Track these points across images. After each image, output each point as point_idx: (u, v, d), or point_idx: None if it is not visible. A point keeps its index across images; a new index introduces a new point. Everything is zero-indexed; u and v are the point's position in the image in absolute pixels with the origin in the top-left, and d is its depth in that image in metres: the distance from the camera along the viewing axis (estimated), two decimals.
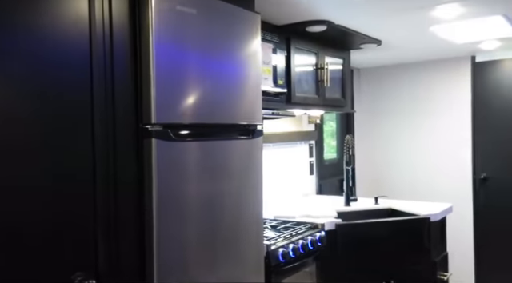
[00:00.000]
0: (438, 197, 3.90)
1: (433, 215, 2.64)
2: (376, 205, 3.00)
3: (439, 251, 2.79)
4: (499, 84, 3.84)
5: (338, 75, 3.08)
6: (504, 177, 3.83)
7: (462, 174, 3.98)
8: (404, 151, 4.29)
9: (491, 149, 3.89)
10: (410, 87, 4.25)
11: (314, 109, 2.88)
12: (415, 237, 2.58)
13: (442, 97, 4.08)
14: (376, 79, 4.44)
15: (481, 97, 3.93)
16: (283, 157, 3.26)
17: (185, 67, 1.54)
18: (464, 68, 3.96)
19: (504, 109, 3.82)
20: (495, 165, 3.87)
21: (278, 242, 2.09)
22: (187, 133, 1.55)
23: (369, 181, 4.39)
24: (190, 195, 1.55)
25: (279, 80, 2.49)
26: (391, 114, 4.36)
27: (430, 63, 4.12)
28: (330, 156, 4.15)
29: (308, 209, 2.82)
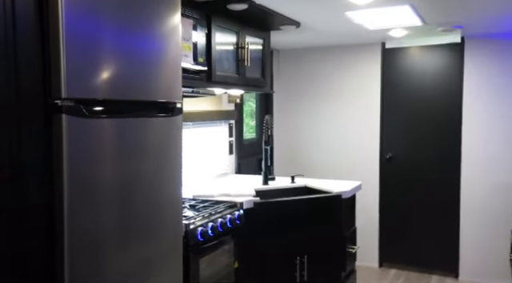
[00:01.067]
0: (349, 175, 4.14)
1: (344, 192, 2.80)
2: (292, 183, 3.10)
3: (349, 226, 2.97)
4: (406, 70, 4.13)
5: (258, 55, 3.09)
6: (407, 156, 4.16)
7: (371, 154, 4.25)
8: (319, 131, 4.48)
9: (397, 131, 4.19)
10: (326, 70, 4.41)
11: (235, 88, 2.88)
12: (328, 214, 2.72)
13: (355, 81, 4.30)
14: (294, 61, 4.54)
15: (389, 82, 4.20)
16: (203, 136, 3.24)
17: (99, 39, 1.45)
18: (375, 54, 4.19)
19: (409, 94, 4.13)
20: (400, 145, 4.19)
21: (196, 221, 2.08)
22: (101, 109, 1.46)
23: (286, 161, 4.53)
24: (105, 176, 1.48)
25: (199, 58, 2.45)
26: (307, 96, 4.51)
27: (345, 48, 4.30)
28: (249, 136, 4.20)
29: (227, 188, 2.85)
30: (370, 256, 4.24)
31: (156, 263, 1.70)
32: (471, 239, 3.91)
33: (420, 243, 4.14)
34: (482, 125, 3.83)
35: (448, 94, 3.97)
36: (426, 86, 4.06)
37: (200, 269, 2.06)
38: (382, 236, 4.27)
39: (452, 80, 3.95)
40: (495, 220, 3.80)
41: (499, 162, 3.77)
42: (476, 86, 3.84)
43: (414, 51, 4.08)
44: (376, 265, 4.28)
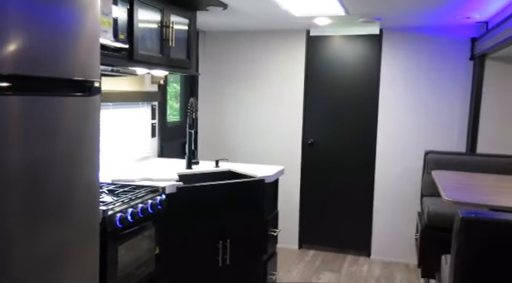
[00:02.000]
0: (273, 159, 4.21)
1: (267, 177, 2.84)
2: (217, 167, 3.08)
3: (271, 210, 3.03)
4: (328, 58, 4.25)
5: (183, 36, 3.00)
6: (327, 142, 4.32)
7: (294, 139, 4.36)
8: (244, 116, 4.49)
9: (318, 117, 4.33)
10: (252, 54, 4.41)
11: (158, 68, 2.77)
12: (251, 198, 2.75)
13: (281, 67, 4.35)
14: (221, 43, 4.48)
15: (313, 69, 4.30)
16: (123, 118, 3.09)
17: (3, 5, 1.29)
18: (300, 40, 4.26)
19: (331, 82, 4.27)
20: (321, 131, 4.33)
21: (115, 207, 1.99)
22: (7, 85, 1.32)
23: (211, 145, 4.50)
24: (11, 158, 1.34)
25: (120, 34, 2.31)
26: (233, 80, 4.48)
27: (272, 33, 4.32)
28: (173, 118, 4.10)
29: (149, 172, 2.75)
30: (290, 238, 4.38)
31: (70, 251, 1.59)
32: (383, 221, 4.18)
33: (337, 225, 4.35)
34: (395, 115, 4.07)
35: (367, 84, 4.16)
36: (347, 75, 4.21)
37: (118, 256, 1.98)
38: (301, 219, 4.42)
39: (371, 70, 4.14)
40: (404, 203, 4.09)
41: (410, 150, 4.04)
42: (392, 77, 4.06)
43: (337, 40, 4.22)
44: (296, 246, 4.43)
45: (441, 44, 3.88)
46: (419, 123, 4.01)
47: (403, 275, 3.86)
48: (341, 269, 3.97)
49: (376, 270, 3.96)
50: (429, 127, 3.99)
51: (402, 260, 4.13)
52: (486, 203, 2.51)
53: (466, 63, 3.84)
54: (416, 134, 4.02)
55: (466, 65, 3.84)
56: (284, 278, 3.71)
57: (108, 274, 1.91)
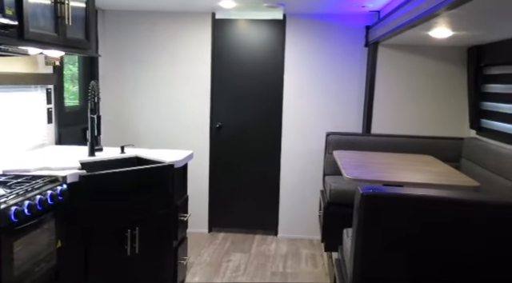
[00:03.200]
0: (181, 144, 4.15)
1: (176, 162, 2.79)
2: (122, 154, 2.96)
3: (181, 195, 2.99)
4: (235, 42, 4.26)
5: (81, 14, 2.79)
6: (235, 125, 4.36)
7: (202, 123, 4.33)
8: (150, 100, 4.34)
9: (226, 101, 4.34)
10: (157, 36, 4.26)
11: (53, 48, 2.55)
12: (160, 184, 2.68)
13: (187, 49, 4.26)
14: (122, 24, 4.26)
15: (219, 52, 4.29)
16: (14, 102, 2.81)
17: None
18: (205, 23, 4.21)
19: (238, 65, 4.29)
20: (229, 114, 4.36)
21: (9, 200, 1.81)
22: None
23: (115, 130, 4.29)
24: None
25: (8, 10, 2.08)
26: (138, 62, 4.30)
27: (177, 15, 4.21)
28: (71, 103, 3.83)
29: (46, 160, 2.55)
30: (200, 222, 4.38)
31: None
32: (289, 200, 4.36)
33: (246, 207, 4.44)
34: (299, 98, 4.23)
35: (272, 68, 4.26)
36: (253, 59, 4.27)
37: (14, 253, 1.81)
38: (211, 203, 4.44)
39: (276, 54, 4.24)
40: (309, 183, 4.30)
41: (313, 132, 4.24)
42: (295, 62, 4.20)
43: (242, 24, 4.24)
44: (206, 230, 4.44)
45: (339, 31, 4.10)
46: (321, 106, 4.22)
47: (308, 250, 4.08)
48: (250, 249, 4.07)
49: (283, 248, 4.13)
50: (330, 110, 4.21)
51: (307, 236, 4.36)
52: (381, 179, 2.74)
53: (361, 49, 4.10)
54: (318, 117, 4.23)
55: (361, 51, 4.10)
56: (195, 262, 3.72)
57: (3, 273, 1.75)
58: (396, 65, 4.03)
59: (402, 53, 4.00)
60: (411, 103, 4.05)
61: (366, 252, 1.86)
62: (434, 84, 4.00)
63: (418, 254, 1.82)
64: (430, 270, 1.82)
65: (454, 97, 3.98)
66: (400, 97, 4.06)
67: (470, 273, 1.80)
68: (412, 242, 1.82)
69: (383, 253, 1.85)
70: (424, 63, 3.99)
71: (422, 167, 3.20)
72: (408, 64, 4.01)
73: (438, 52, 3.94)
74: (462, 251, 1.80)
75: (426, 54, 3.97)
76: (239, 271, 3.60)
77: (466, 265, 1.80)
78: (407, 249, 1.83)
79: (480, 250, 1.78)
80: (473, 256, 1.79)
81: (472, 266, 1.80)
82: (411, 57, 4.00)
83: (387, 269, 1.86)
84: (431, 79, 4.00)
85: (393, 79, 4.05)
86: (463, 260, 1.80)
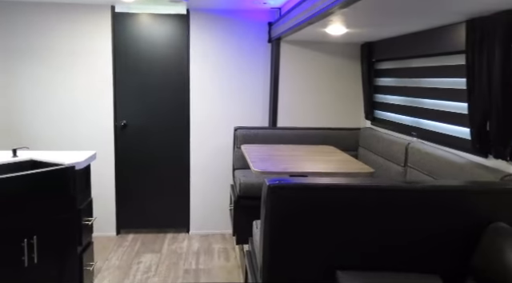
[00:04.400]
0: (83, 145, 3.93)
1: (78, 163, 2.63)
2: (15, 157, 2.72)
3: (84, 198, 2.84)
4: (137, 36, 4.12)
5: None
6: (141, 123, 4.23)
7: (105, 122, 4.13)
8: (45, 98, 4.04)
9: (130, 98, 4.19)
10: (50, 28, 3.97)
11: None
12: (60, 188, 2.52)
13: (86, 44, 4.03)
14: (8, 14, 3.90)
15: (121, 48, 4.12)
16: None
17: None
18: (105, 16, 4.02)
19: (141, 61, 4.16)
20: (134, 112, 4.21)
21: None
22: None
23: (5, 133, 3.93)
24: None
25: None
26: (29, 57, 3.98)
27: (72, 6, 3.95)
28: None
29: None
30: (107, 225, 4.20)
31: None
32: (199, 196, 4.35)
33: (156, 206, 4.34)
34: (207, 93, 4.23)
35: (178, 64, 4.19)
36: (157, 55, 4.17)
37: None
38: (119, 204, 4.27)
39: (181, 50, 4.18)
40: (219, 177, 4.33)
41: (222, 127, 4.27)
42: (201, 58, 4.18)
43: (145, 18, 4.11)
44: (114, 233, 4.27)
45: (243, 27, 4.16)
46: (228, 101, 4.25)
47: (220, 245, 4.11)
48: (161, 248, 4.00)
49: (195, 244, 4.12)
50: (237, 104, 4.26)
51: (220, 231, 4.38)
52: (287, 170, 2.85)
53: (265, 45, 4.20)
54: (226, 112, 4.26)
55: (265, 47, 4.21)
56: (103, 267, 3.56)
57: None
58: (298, 60, 4.20)
59: (303, 48, 4.17)
60: (313, 97, 4.25)
61: (274, 242, 1.92)
62: (333, 78, 4.24)
63: (323, 240, 1.93)
64: (336, 255, 1.94)
65: (351, 90, 4.25)
66: (303, 91, 4.24)
67: (372, 255, 1.94)
68: (317, 229, 1.92)
69: (291, 241, 1.93)
70: (324, 58, 4.21)
71: (325, 157, 3.38)
72: (309, 59, 4.20)
73: (335, 48, 4.18)
74: (362, 234, 1.93)
75: (325, 50, 4.19)
76: (150, 272, 3.51)
77: (368, 248, 1.94)
78: (313, 236, 1.93)
79: (377, 232, 1.93)
80: (373, 238, 1.94)
81: (374, 248, 1.94)
82: (312, 52, 4.19)
83: (295, 257, 1.94)
84: (330, 74, 4.23)
85: (296, 74, 4.21)
86: (366, 243, 1.94)
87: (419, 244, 1.94)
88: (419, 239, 1.94)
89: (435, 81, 2.97)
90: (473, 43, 2.24)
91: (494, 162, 2.31)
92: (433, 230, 1.94)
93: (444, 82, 2.86)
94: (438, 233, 1.94)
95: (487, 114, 2.22)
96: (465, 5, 2.00)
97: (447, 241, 1.94)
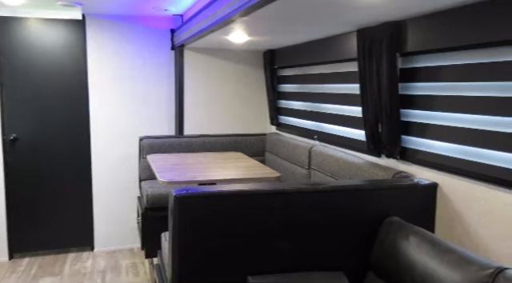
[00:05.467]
0: None
1: None
2: None
3: None
4: (26, 43, 3.81)
5: None
6: (34, 135, 3.90)
7: None
8: None
9: (20, 109, 3.84)
10: None
11: None
12: None
13: None
14: None
15: (8, 55, 3.77)
16: None
17: None
18: None
19: (32, 70, 3.84)
20: (25, 124, 3.87)
21: None
22: None
23: None
24: None
25: None
26: None
27: None
28: None
29: None
30: None
31: None
32: (104, 211, 4.12)
33: (55, 225, 4.03)
34: (107, 103, 4.03)
35: (75, 72, 3.95)
36: (51, 62, 3.88)
37: None
38: (10, 226, 3.89)
39: (77, 57, 3.94)
40: (124, 190, 4.14)
41: (126, 137, 4.09)
42: (100, 65, 3.97)
43: (34, 23, 3.81)
44: (6, 258, 3.87)
45: (145, 33, 4.04)
46: (132, 110, 4.10)
47: (129, 260, 3.93)
48: (62, 270, 3.71)
49: (101, 262, 3.89)
50: (142, 113, 4.12)
51: (127, 246, 4.19)
52: (195, 179, 2.81)
53: (169, 52, 4.13)
54: (130, 121, 4.10)
55: (169, 54, 4.13)
56: None
57: None
58: (202, 67, 4.18)
59: (207, 56, 4.17)
60: (219, 103, 4.26)
61: (183, 252, 1.88)
62: (239, 85, 4.29)
63: (233, 247, 1.93)
64: (247, 261, 1.94)
65: (256, 96, 4.34)
66: (209, 98, 4.23)
67: (281, 257, 1.98)
68: (227, 236, 1.92)
69: (200, 251, 1.90)
70: (228, 66, 4.24)
71: (233, 163, 3.40)
72: (214, 66, 4.21)
73: (239, 55, 4.24)
74: (271, 238, 1.97)
75: (229, 57, 4.22)
76: None
77: (277, 251, 1.98)
78: (223, 243, 1.92)
79: (284, 234, 1.98)
80: (281, 241, 1.98)
81: (282, 251, 1.98)
82: (216, 60, 4.20)
83: (206, 266, 1.91)
84: (235, 81, 4.28)
85: (200, 81, 4.19)
86: (275, 246, 1.97)
87: (324, 243, 2.02)
88: (324, 238, 2.02)
89: (333, 86, 3.15)
90: (363, 51, 2.41)
91: (387, 161, 2.49)
92: (336, 229, 2.03)
93: (341, 88, 3.04)
94: (341, 231, 2.04)
95: (378, 117, 2.40)
96: (353, 16, 2.14)
97: (349, 238, 2.05)
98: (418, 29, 2.11)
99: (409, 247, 1.79)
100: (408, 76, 2.33)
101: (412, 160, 2.31)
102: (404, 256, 1.78)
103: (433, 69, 2.17)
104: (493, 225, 1.84)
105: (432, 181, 2.15)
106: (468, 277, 1.49)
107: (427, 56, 2.19)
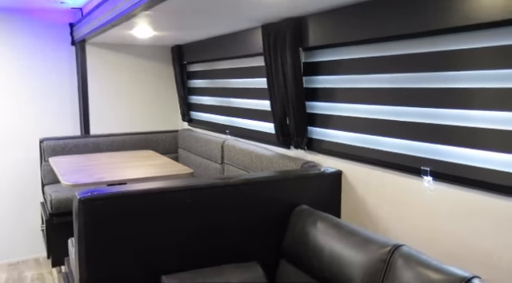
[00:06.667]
0: None
1: None
2: None
3: None
4: None
5: None
6: None
7: None
8: None
9: None
10: None
11: None
12: None
13: None
14: None
15: None
16: None
17: None
18: None
19: None
20: None
21: None
22: None
23: None
24: None
25: None
26: None
27: None
28: None
29: None
30: None
31: None
32: (4, 219, 3.79)
33: None
34: (3, 103, 3.69)
35: None
36: None
37: None
38: None
39: None
40: (26, 196, 3.83)
41: (26, 140, 3.78)
42: None
43: None
44: None
45: (41, 28, 3.75)
46: (31, 110, 3.79)
47: (34, 271, 3.66)
48: None
49: (2, 275, 3.57)
50: (43, 114, 3.84)
51: (32, 255, 3.90)
52: (104, 180, 2.69)
53: (69, 48, 3.88)
54: (29, 122, 3.80)
55: (69, 49, 3.88)
56: None
57: None
58: (107, 63, 3.99)
59: (112, 51, 3.99)
60: (127, 101, 4.11)
61: (90, 257, 1.79)
62: (147, 81, 4.17)
63: (145, 247, 1.87)
64: (160, 260, 1.90)
65: (166, 93, 4.25)
66: (116, 95, 4.06)
67: (195, 254, 1.96)
68: (138, 236, 1.86)
69: (110, 254, 1.82)
70: (135, 61, 4.10)
71: (144, 162, 3.30)
72: (120, 62, 4.04)
73: (147, 50, 4.11)
74: (184, 235, 1.94)
75: (136, 53, 4.08)
76: None
77: (191, 248, 1.96)
78: (135, 243, 1.85)
79: (198, 231, 1.97)
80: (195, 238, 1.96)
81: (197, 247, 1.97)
82: (122, 55, 4.04)
83: (116, 269, 1.84)
84: (143, 77, 4.15)
85: (106, 78, 4.00)
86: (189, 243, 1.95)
87: (238, 235, 2.05)
88: (238, 231, 2.05)
89: (242, 81, 3.18)
90: (268, 46, 2.47)
91: (296, 152, 2.59)
92: (249, 221, 2.07)
93: (250, 82, 3.09)
94: (254, 222, 2.08)
95: (286, 110, 2.47)
96: (256, 11, 2.18)
97: (262, 229, 2.10)
98: (318, 25, 2.21)
99: (317, 233, 1.88)
100: (311, 69, 2.43)
101: (318, 150, 2.42)
102: (313, 241, 1.87)
103: (333, 63, 2.28)
104: (389, 207, 2.00)
105: (337, 169, 2.27)
106: (369, 256, 1.61)
107: (327, 50, 2.30)
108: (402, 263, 1.48)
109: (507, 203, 1.51)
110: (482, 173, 1.59)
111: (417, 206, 1.86)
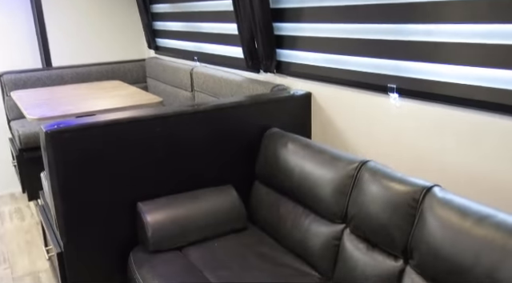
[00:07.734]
0: None
1: None
2: None
3: None
4: None
5: None
6: None
7: None
8: None
9: None
10: None
11: None
12: None
13: None
14: None
15: None
16: None
17: None
18: None
19: None
20: None
21: None
22: None
23: None
24: None
25: None
26: None
27: None
28: None
29: None
30: None
31: None
32: None
33: None
34: None
35: None
36: None
37: None
38: None
39: None
40: None
41: None
42: None
43: None
44: None
45: None
46: None
47: (11, 206, 3.68)
48: None
49: None
50: None
51: (7, 191, 3.89)
52: (71, 112, 2.62)
53: None
54: None
55: None
56: None
57: None
58: None
59: None
60: (89, 30, 3.91)
61: (63, 189, 1.80)
62: (107, 8, 3.94)
63: (118, 177, 1.88)
64: (135, 189, 1.93)
65: (129, 20, 4.04)
66: (75, 24, 3.85)
67: (170, 181, 2.00)
68: (110, 166, 1.86)
69: (83, 185, 1.83)
70: None
71: (111, 93, 3.22)
72: None
73: None
74: (157, 163, 1.96)
75: None
76: None
77: (165, 176, 1.98)
78: (107, 174, 1.86)
79: (171, 159, 1.98)
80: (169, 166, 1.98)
81: (171, 175, 1.99)
82: None
83: (91, 200, 1.86)
84: (105, 5, 3.91)
85: (62, 7, 3.76)
86: (162, 171, 1.97)
87: (211, 161, 2.08)
88: (211, 157, 2.08)
89: (209, 4, 3.04)
90: None
91: (265, 76, 2.56)
92: (221, 146, 2.09)
93: (217, 5, 2.96)
94: (226, 148, 2.10)
95: (253, 33, 2.40)
96: None
97: (235, 153, 2.13)
98: None
99: (287, 153, 1.92)
100: None
101: (287, 72, 2.40)
102: (284, 162, 1.92)
103: None
104: (358, 126, 2.04)
105: (306, 91, 2.28)
106: (338, 173, 1.67)
107: None
108: (369, 177, 1.55)
109: (471, 116, 1.56)
110: (447, 87, 1.62)
111: (384, 123, 1.90)
